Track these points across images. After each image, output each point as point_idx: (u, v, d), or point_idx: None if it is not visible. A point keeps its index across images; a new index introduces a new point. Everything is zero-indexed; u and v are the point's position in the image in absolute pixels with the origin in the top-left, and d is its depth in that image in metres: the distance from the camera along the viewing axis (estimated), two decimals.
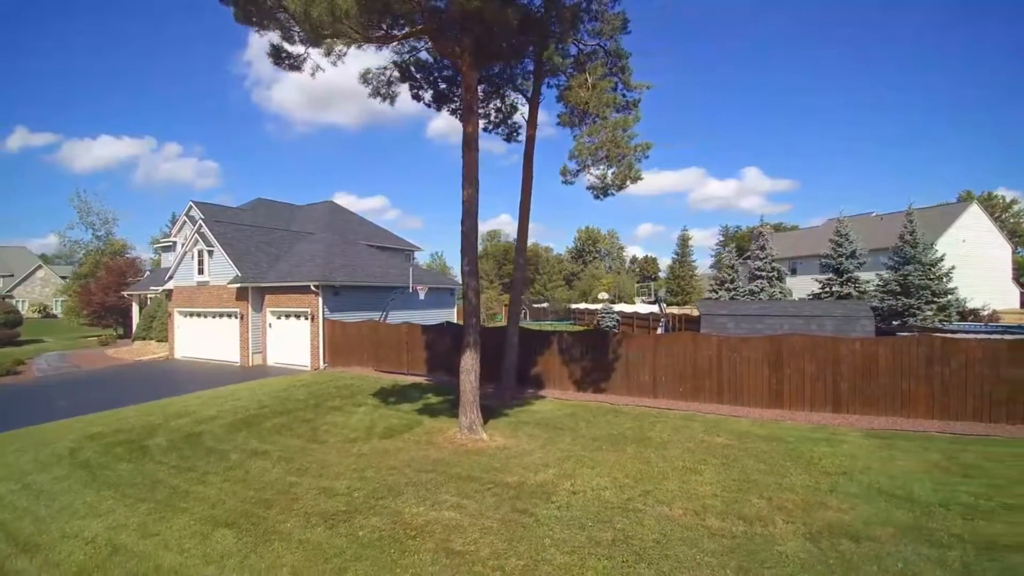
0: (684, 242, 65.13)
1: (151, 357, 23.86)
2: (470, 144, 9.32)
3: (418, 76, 10.49)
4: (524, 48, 10.26)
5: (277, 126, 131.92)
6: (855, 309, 13.85)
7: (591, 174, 10.63)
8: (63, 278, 48.07)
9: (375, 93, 8.96)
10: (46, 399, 14.93)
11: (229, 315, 21.43)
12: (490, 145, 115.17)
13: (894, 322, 19.82)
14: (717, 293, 23.33)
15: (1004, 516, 6.12)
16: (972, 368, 10.79)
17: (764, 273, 23.03)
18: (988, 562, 5.13)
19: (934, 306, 19.33)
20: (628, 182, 10.37)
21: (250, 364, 20.59)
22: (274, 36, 7.90)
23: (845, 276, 22.01)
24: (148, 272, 31.59)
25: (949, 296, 19.79)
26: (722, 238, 71.76)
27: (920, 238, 20.76)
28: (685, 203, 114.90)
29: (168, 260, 28.74)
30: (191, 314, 23.19)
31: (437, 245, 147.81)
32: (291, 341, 20.36)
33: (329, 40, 7.35)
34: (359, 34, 6.96)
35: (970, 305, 29.80)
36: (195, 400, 13.94)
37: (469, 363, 9.91)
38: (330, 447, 9.61)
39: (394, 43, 8.35)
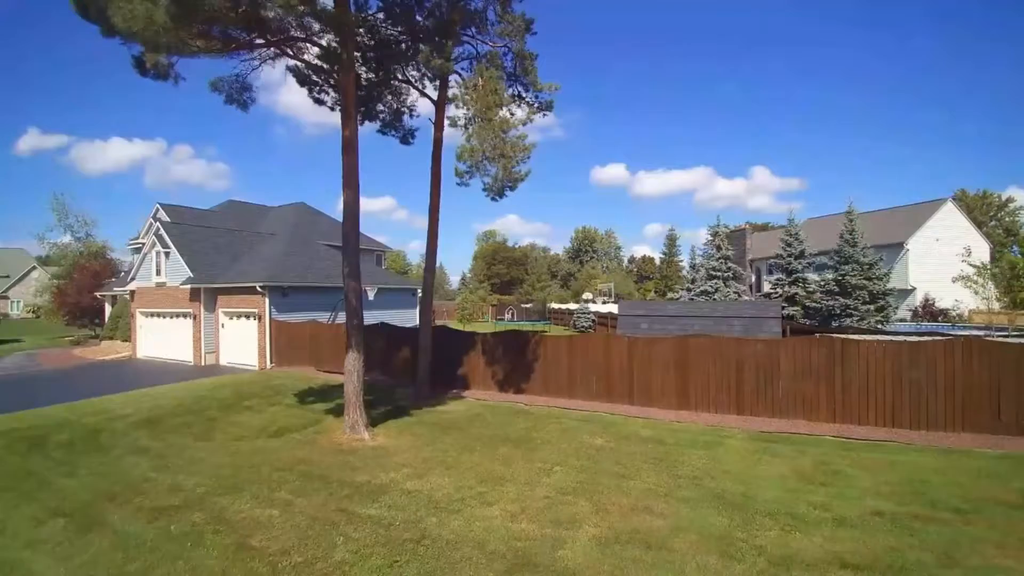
0: (672, 241, 64.92)
1: (114, 356, 24.19)
2: (347, 148, 9.42)
3: (315, 79, 10.61)
4: (402, 55, 10.34)
5: (286, 128, 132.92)
6: (764, 310, 13.77)
7: (485, 175, 10.68)
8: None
9: (229, 100, 9.06)
10: (5, 393, 15.26)
11: (184, 315, 21.69)
12: None
13: (833, 323, 19.68)
14: (678, 293, 23.24)
15: (822, 529, 5.92)
16: (874, 371, 10.70)
17: (720, 273, 22.91)
18: None
19: (871, 307, 19.13)
20: (518, 182, 10.41)
21: (203, 363, 20.83)
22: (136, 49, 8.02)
23: (793, 276, 21.88)
24: (123, 273, 32.00)
25: (888, 297, 19.57)
26: (710, 238, 71.33)
27: (859, 238, 20.59)
28: (692, 202, 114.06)
29: None
30: (152, 314, 23.50)
31: (445, 242, 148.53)
32: (242, 341, 20.58)
33: (191, 50, 7.50)
34: (204, 43, 7.09)
35: (940, 305, 29.49)
36: (121, 399, 14.13)
37: (352, 365, 10.01)
38: (214, 445, 9.74)
39: (261, 49, 8.49)
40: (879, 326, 19.13)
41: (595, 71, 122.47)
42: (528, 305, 54.08)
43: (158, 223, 23.11)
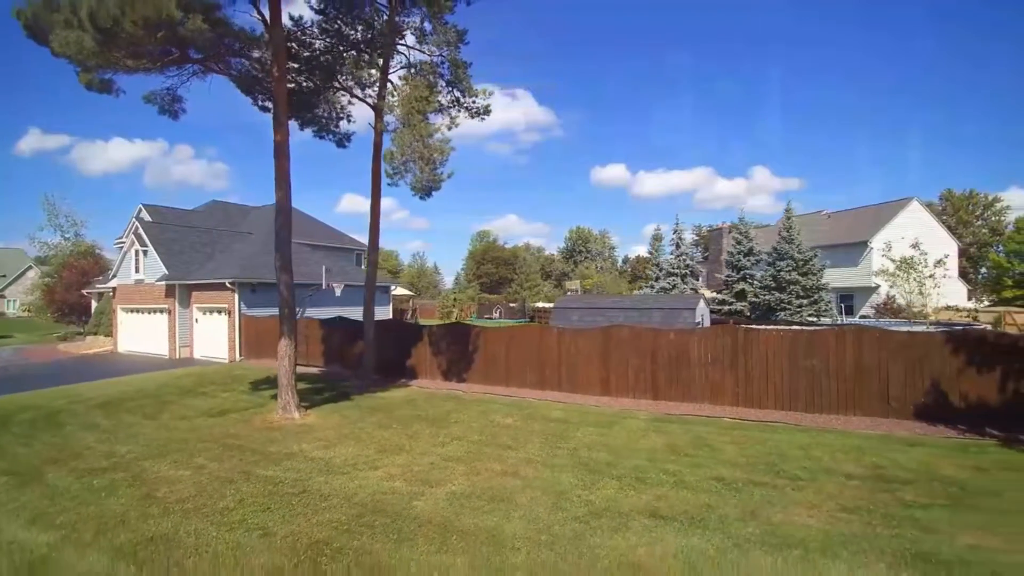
0: (656, 240, 65.58)
1: (96, 351, 25.16)
2: (279, 152, 10.35)
3: (255, 89, 11.54)
4: (335, 66, 11.27)
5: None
6: (683, 302, 14.62)
7: (411, 175, 11.57)
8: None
9: (162, 111, 10.00)
10: None
11: (160, 311, 22.65)
12: (497, 146, 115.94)
13: (772, 316, 20.51)
14: (642, 290, 24.17)
15: (657, 489, 6.66)
16: (773, 358, 11.56)
17: (678, 271, 23.78)
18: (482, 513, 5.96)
19: (804, 301, 19.98)
20: (440, 183, 11.31)
21: (178, 357, 21.78)
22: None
23: (742, 273, 22.75)
24: (110, 271, 33.02)
25: (821, 292, 20.41)
26: (696, 237, 72.16)
27: (795, 236, 21.46)
28: (692, 202, 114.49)
29: None
30: (131, 310, 24.47)
31: (445, 243, 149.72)
32: (214, 335, 21.51)
33: (124, 68, 8.44)
34: (134, 62, 8.03)
35: (900, 301, 30.26)
36: (89, 386, 15.07)
37: (283, 351, 10.89)
38: (158, 423, 10.64)
39: (192, 64, 9.41)
40: (811, 319, 19.97)
41: (595, 71, 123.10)
42: (514, 304, 54.95)
43: (137, 223, 24.07)
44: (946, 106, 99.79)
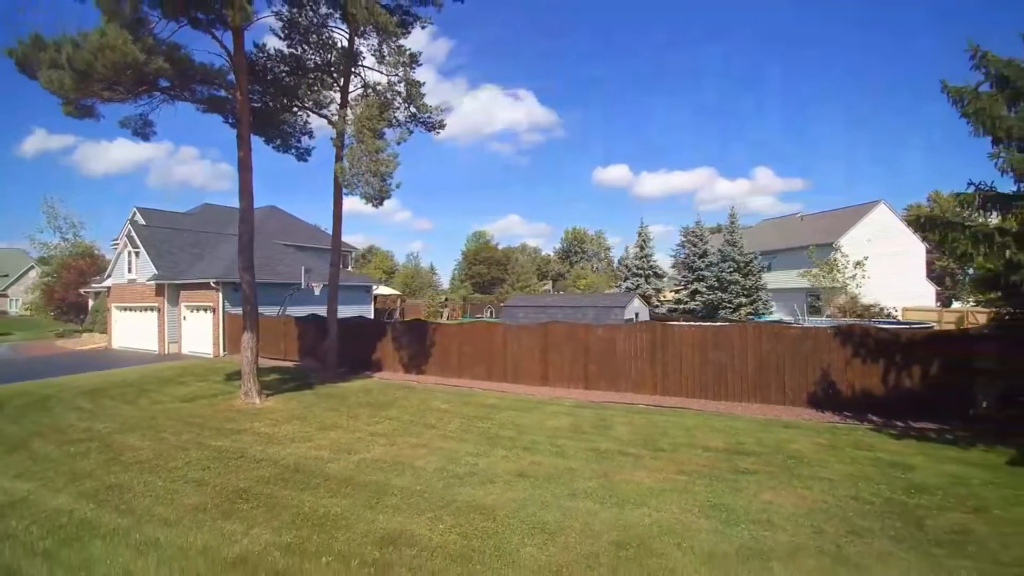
0: (644, 240, 66.87)
1: (91, 347, 26.62)
2: (242, 166, 11.77)
3: (219, 110, 12.93)
4: (295, 88, 12.68)
5: None
6: (614, 300, 15.96)
7: (367, 184, 12.89)
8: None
9: (135, 133, 11.40)
10: None
11: (151, 309, 24.10)
12: (499, 146, 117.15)
13: (716, 314, 21.80)
14: (611, 289, 25.48)
15: (535, 456, 8.06)
16: (687, 352, 12.87)
17: (641, 271, 25.13)
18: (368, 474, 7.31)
19: (744, 299, 21.28)
20: (389, 192, 12.68)
21: (167, 352, 23.21)
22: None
23: (696, 273, 24.07)
24: (106, 271, 34.53)
25: (760, 291, 21.70)
26: (682, 239, 73.46)
27: (738, 239, 22.79)
28: (693, 203, 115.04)
29: None
30: (124, 308, 25.92)
31: (446, 243, 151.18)
32: (200, 332, 22.94)
33: (101, 98, 9.86)
34: (110, 93, 9.43)
35: (864, 301, 31.51)
36: (78, 377, 16.46)
37: (246, 343, 12.26)
38: (135, 407, 12.04)
39: (161, 92, 10.80)
40: (750, 317, 21.27)
41: (598, 71, 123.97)
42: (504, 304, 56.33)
43: (131, 225, 25.52)
44: (946, 105, 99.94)
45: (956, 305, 38.54)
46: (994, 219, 10.39)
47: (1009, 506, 6.31)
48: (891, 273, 33.94)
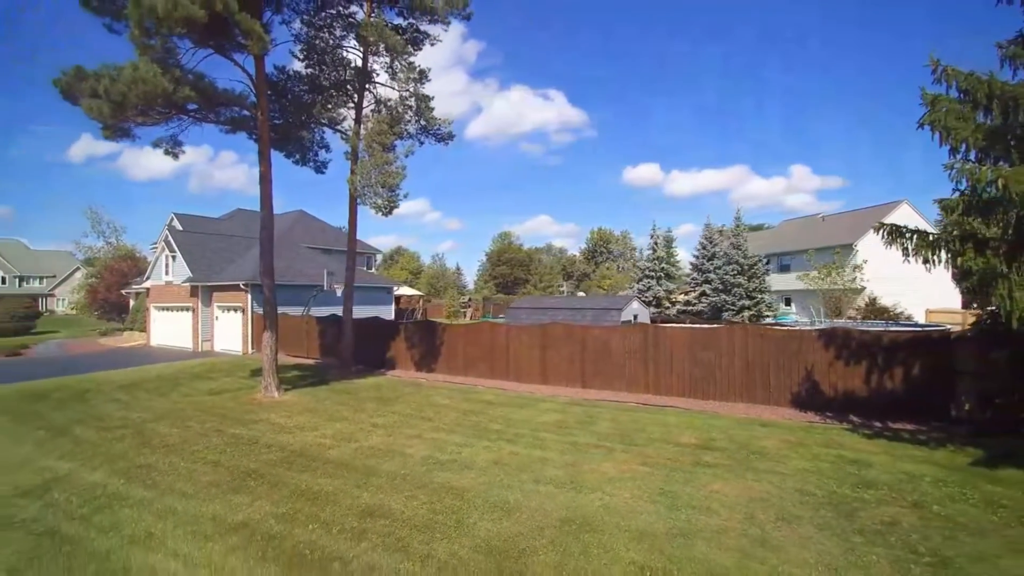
0: (668, 241, 66.61)
1: (131, 345, 28.52)
2: (263, 180, 12.87)
3: (242, 129, 14.08)
4: (312, 106, 13.75)
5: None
6: (612, 303, 16.50)
7: (376, 195, 13.86)
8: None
9: (166, 152, 12.56)
10: (30, 370, 19.36)
11: (186, 309, 25.75)
12: (529, 146, 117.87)
13: (720, 316, 22.00)
14: (625, 290, 25.95)
15: (516, 446, 8.91)
16: (677, 352, 13.41)
17: (653, 273, 25.55)
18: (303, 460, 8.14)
19: (747, 302, 21.43)
20: (398, 201, 13.60)
21: (200, 350, 24.78)
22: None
23: (705, 275, 24.32)
24: (146, 273, 36.73)
25: (763, 294, 21.80)
26: (703, 240, 72.67)
27: (743, 242, 22.94)
28: (727, 202, 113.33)
29: None
30: (162, 308, 27.70)
31: (476, 244, 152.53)
32: (231, 331, 24.43)
33: (136, 122, 11.11)
34: (143, 118, 10.62)
35: (884, 303, 31.13)
36: (117, 372, 17.96)
37: (266, 342, 13.36)
38: (167, 399, 13.27)
39: (188, 116, 11.97)
40: (753, 319, 21.44)
41: (627, 69, 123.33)
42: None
43: (168, 231, 27.27)
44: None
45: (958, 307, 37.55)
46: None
47: (948, 503, 6.70)
48: (916, 274, 33.30)
